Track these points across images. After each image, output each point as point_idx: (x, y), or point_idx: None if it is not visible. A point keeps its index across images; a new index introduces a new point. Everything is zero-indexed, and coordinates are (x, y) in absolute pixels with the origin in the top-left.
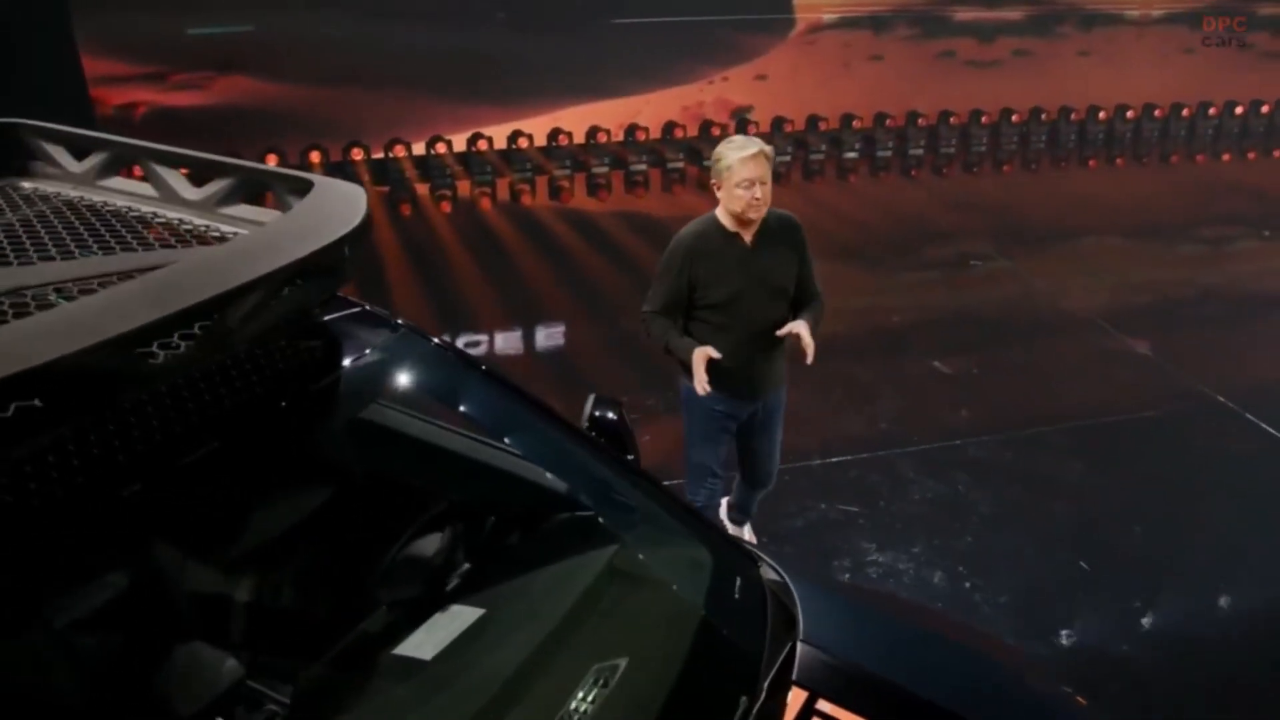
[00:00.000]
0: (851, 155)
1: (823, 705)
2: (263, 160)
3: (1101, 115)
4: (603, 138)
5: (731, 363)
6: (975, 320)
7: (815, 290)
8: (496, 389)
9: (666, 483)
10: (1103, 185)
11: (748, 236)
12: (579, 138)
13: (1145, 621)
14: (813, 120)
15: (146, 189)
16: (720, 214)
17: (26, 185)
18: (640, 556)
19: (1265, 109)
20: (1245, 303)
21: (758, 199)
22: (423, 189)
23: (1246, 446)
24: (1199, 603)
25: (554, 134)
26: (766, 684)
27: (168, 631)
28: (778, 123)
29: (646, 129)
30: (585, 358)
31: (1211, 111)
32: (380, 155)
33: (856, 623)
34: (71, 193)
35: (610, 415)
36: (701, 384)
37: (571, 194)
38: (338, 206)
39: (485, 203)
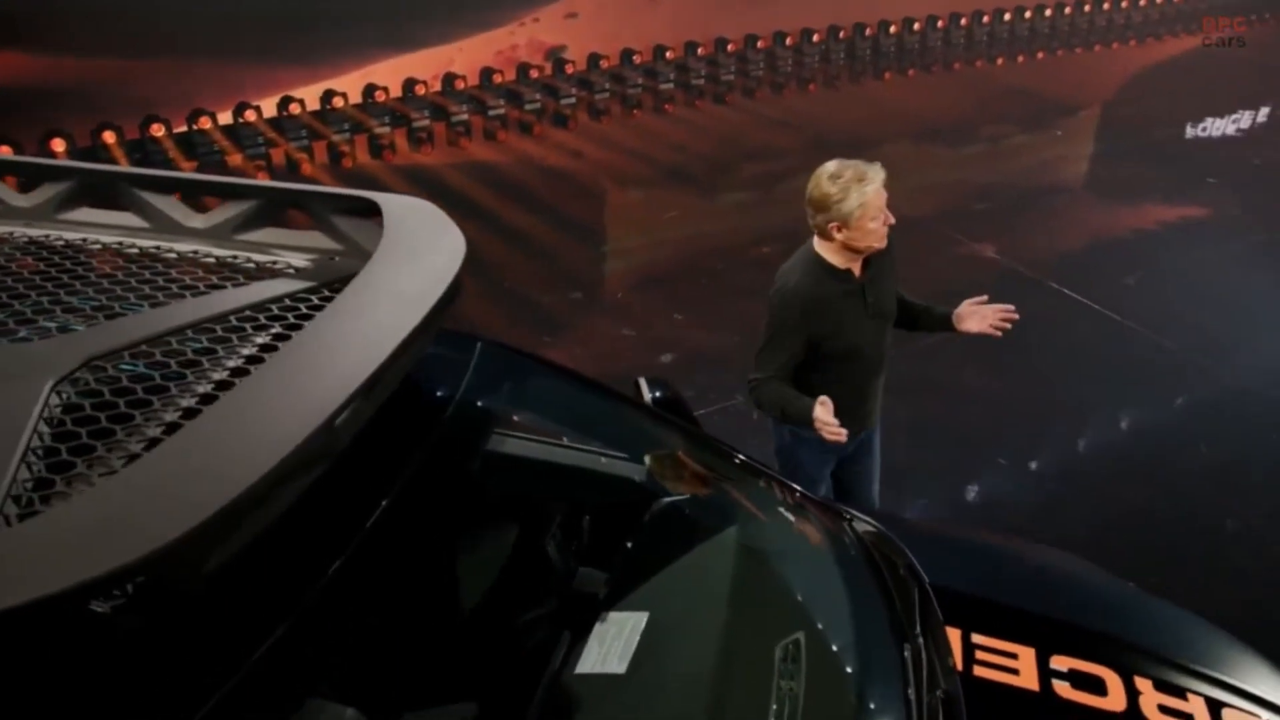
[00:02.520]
0: (667, 86)
1: (977, 639)
2: (46, 145)
3: (892, 29)
4: (421, 90)
5: (851, 399)
6: None
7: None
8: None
9: None
10: (901, 96)
11: (857, 269)
12: (395, 91)
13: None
14: (627, 54)
15: (131, 219)
16: (823, 250)
17: None
18: (754, 530)
19: (1028, 14)
20: (1053, 195)
21: (891, 223)
22: (236, 159)
23: (1101, 334)
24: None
25: (369, 90)
26: (918, 630)
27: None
28: (593, 59)
29: (464, 77)
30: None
31: (985, 20)
32: (184, 129)
33: (967, 557)
34: (31, 231)
35: (668, 394)
36: (841, 433)
37: (394, 151)
38: (429, 229)
39: (305, 168)
